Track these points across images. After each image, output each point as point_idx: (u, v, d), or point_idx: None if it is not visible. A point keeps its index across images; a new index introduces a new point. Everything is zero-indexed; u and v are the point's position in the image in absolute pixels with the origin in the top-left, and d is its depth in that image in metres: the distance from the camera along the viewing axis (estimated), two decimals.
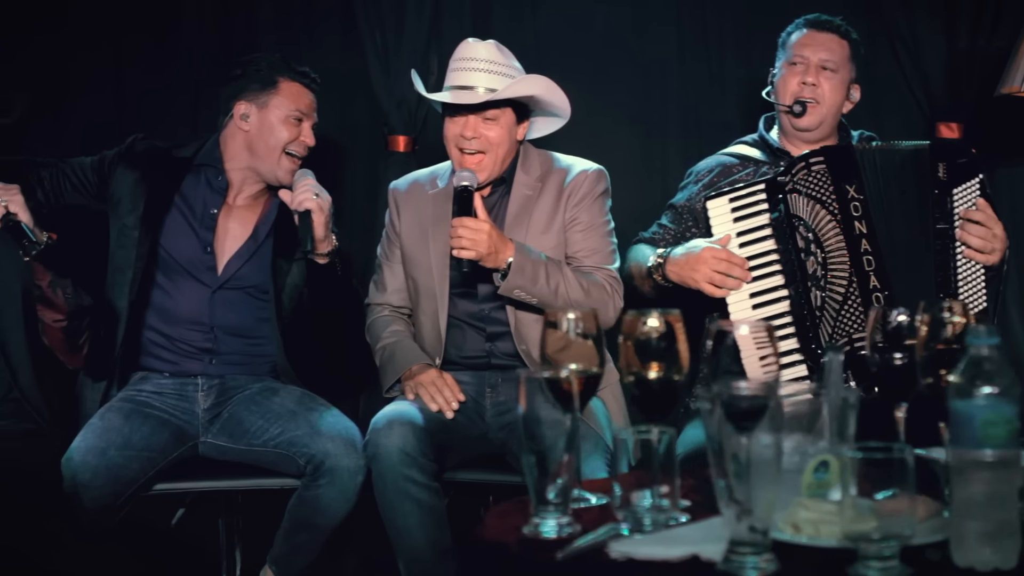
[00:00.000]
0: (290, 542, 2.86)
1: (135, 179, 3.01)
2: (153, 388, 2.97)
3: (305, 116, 2.99)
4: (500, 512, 1.71)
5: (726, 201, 2.83)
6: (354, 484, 2.75)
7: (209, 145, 3.06)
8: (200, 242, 2.99)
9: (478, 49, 2.90)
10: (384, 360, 3.01)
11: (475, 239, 2.72)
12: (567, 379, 1.64)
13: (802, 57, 2.99)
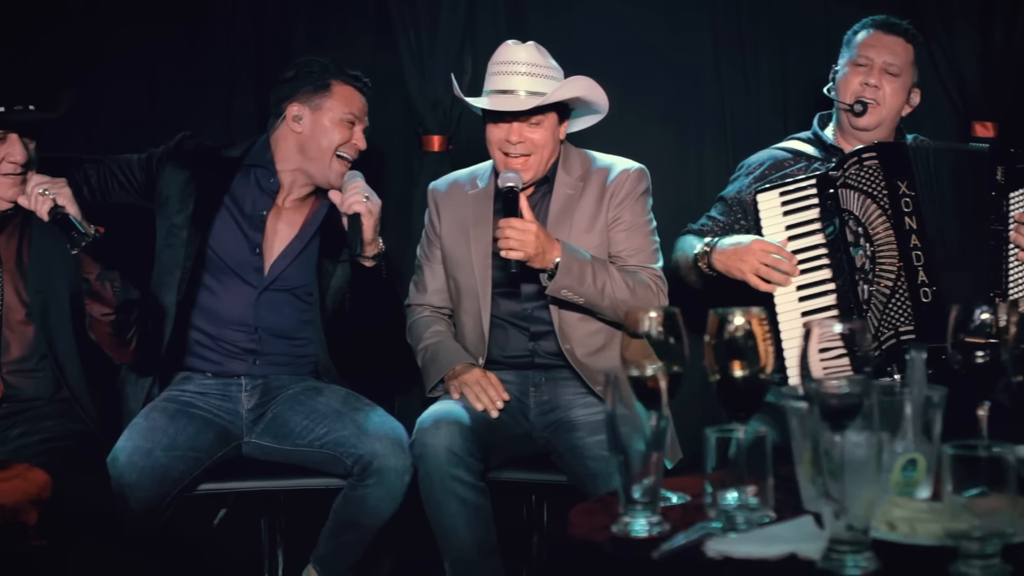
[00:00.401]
0: (335, 542, 2.85)
1: (184, 178, 3.00)
2: (196, 388, 2.97)
3: (357, 119, 2.99)
4: (584, 511, 1.71)
5: (776, 195, 2.85)
6: (401, 484, 2.75)
7: (259, 146, 3.05)
8: (249, 243, 2.98)
9: (518, 52, 2.89)
10: (427, 360, 3.01)
11: (523, 240, 2.72)
12: (652, 377, 1.63)
13: (866, 58, 2.99)
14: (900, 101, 3.01)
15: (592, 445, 2.75)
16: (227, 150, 3.09)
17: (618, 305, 2.82)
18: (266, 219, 3.00)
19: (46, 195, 2.67)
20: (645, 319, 1.72)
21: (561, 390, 2.94)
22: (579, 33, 3.63)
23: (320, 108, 2.96)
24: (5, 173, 2.71)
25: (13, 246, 2.78)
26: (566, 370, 2.94)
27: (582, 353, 2.91)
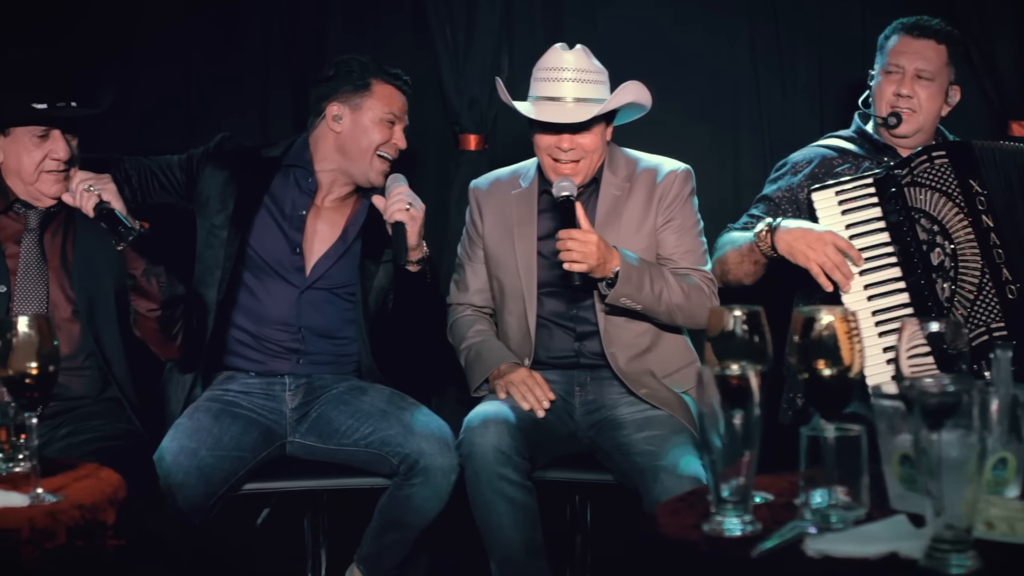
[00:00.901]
0: (379, 541, 2.85)
1: (224, 179, 2.99)
2: (240, 388, 2.96)
3: (397, 119, 2.98)
4: (670, 510, 1.70)
5: (832, 194, 2.84)
6: (447, 483, 2.74)
7: (298, 145, 3.04)
8: (289, 243, 2.97)
9: (566, 57, 2.86)
10: (471, 360, 3.00)
11: (585, 252, 2.71)
12: (741, 375, 1.63)
13: (897, 66, 2.97)
14: (937, 105, 2.99)
15: (638, 442, 2.75)
16: (266, 150, 3.08)
17: (673, 310, 2.83)
18: (305, 219, 2.99)
19: (91, 191, 2.67)
20: (729, 318, 1.72)
21: (606, 390, 2.94)
22: (615, 33, 3.63)
23: (360, 108, 2.95)
24: (49, 170, 2.70)
25: (58, 244, 2.77)
26: (611, 369, 2.93)
27: (626, 358, 2.90)
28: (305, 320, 2.96)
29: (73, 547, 1.73)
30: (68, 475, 1.98)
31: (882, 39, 3.04)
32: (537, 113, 2.84)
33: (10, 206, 2.75)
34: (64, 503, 1.79)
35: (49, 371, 1.81)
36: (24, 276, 2.71)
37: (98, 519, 1.78)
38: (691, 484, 2.55)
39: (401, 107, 2.99)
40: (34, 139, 2.68)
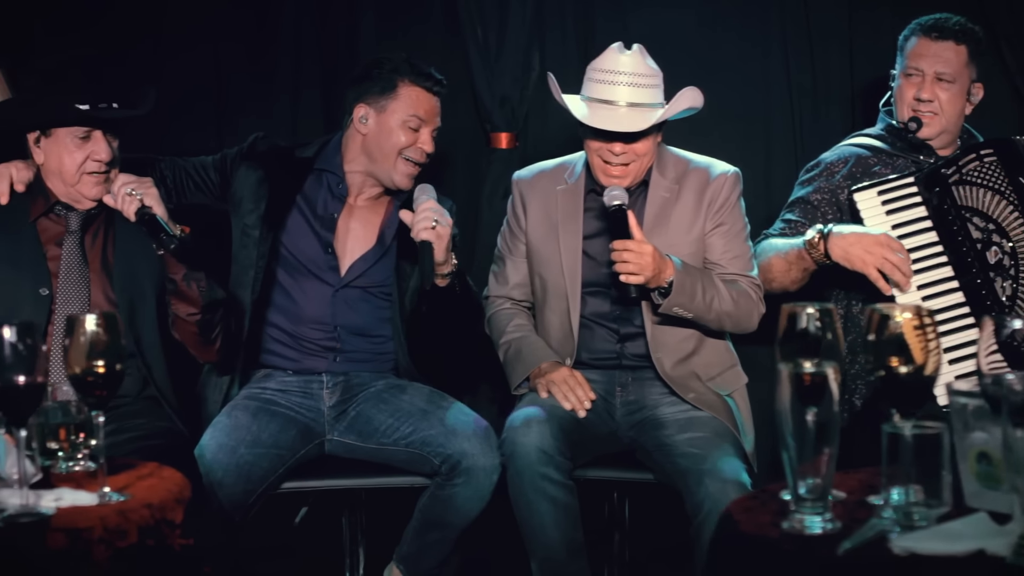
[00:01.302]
0: (420, 540, 2.84)
1: (257, 179, 2.99)
2: (277, 386, 2.95)
3: (424, 122, 2.93)
4: (743, 507, 1.70)
5: (874, 193, 2.83)
6: (490, 483, 2.73)
7: (331, 147, 3.03)
8: (321, 243, 2.97)
9: (621, 60, 2.81)
10: (510, 356, 2.99)
11: (641, 264, 2.69)
12: (817, 373, 1.63)
13: (916, 69, 2.96)
14: (959, 105, 2.97)
15: (681, 443, 2.74)
16: (300, 150, 3.07)
17: (723, 317, 2.82)
18: (337, 220, 2.98)
19: (133, 195, 2.66)
20: (803, 315, 1.72)
21: (648, 390, 2.93)
22: (646, 31, 3.61)
23: (385, 110, 2.92)
24: (90, 172, 2.69)
25: (98, 246, 2.76)
26: (653, 370, 2.92)
27: (672, 362, 2.89)
28: (340, 319, 2.95)
29: (144, 546, 1.72)
30: (131, 474, 1.97)
31: (901, 40, 3.02)
32: (591, 118, 2.79)
33: (51, 208, 2.74)
34: (132, 502, 1.79)
35: (116, 370, 1.81)
36: (66, 279, 2.70)
37: (167, 518, 1.77)
38: (735, 489, 2.55)
39: (429, 110, 2.94)
40: (76, 140, 2.67)
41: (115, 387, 1.83)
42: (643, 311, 2.89)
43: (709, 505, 2.57)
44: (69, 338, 1.80)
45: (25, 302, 2.67)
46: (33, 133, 2.70)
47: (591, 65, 2.87)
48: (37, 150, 2.71)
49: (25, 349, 1.72)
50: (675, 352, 2.90)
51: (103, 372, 1.80)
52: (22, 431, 1.74)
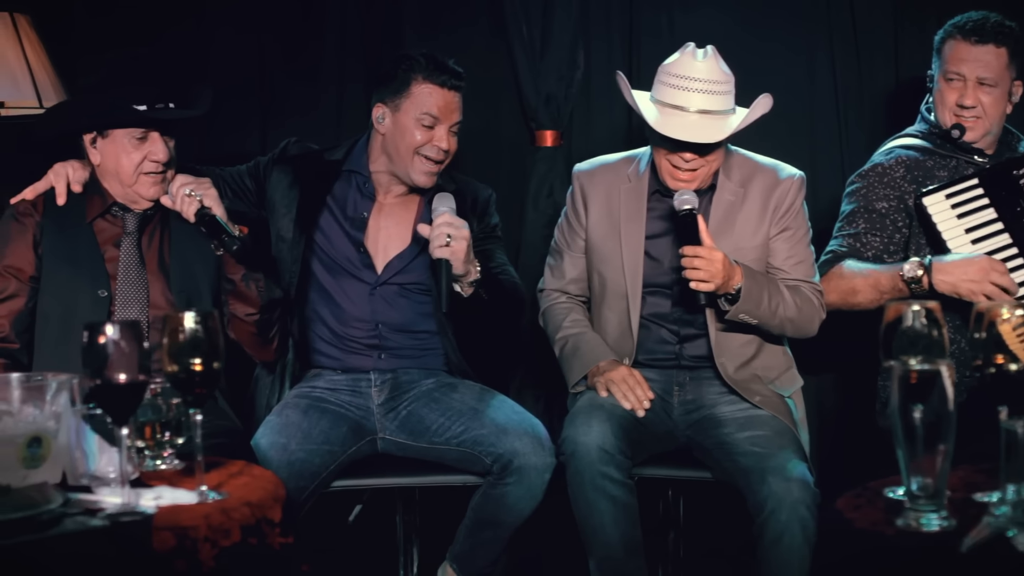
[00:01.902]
0: (473, 540, 2.83)
1: (288, 182, 2.99)
2: (327, 384, 2.95)
3: (439, 119, 2.87)
4: (852, 505, 1.70)
5: (942, 197, 2.82)
6: (541, 482, 2.72)
7: (358, 148, 3.02)
8: (352, 242, 2.96)
9: (696, 67, 2.76)
10: (567, 353, 2.97)
11: (712, 271, 2.67)
12: (928, 370, 1.62)
13: (957, 73, 2.92)
14: (1002, 107, 2.95)
15: (742, 441, 2.73)
16: (330, 152, 3.05)
17: (785, 323, 2.82)
18: (367, 220, 2.97)
19: (192, 196, 2.65)
20: (909, 313, 1.72)
21: (706, 389, 2.92)
22: (690, 29, 3.62)
23: (399, 108, 2.89)
24: (147, 172, 2.68)
25: (155, 246, 2.75)
26: (711, 369, 2.92)
27: (734, 366, 2.89)
28: (381, 316, 2.94)
29: (246, 545, 1.71)
30: (221, 472, 1.96)
31: (938, 42, 2.98)
32: (662, 124, 2.75)
33: (108, 209, 2.72)
34: (232, 500, 1.78)
35: (214, 368, 1.79)
36: (124, 279, 2.69)
37: (266, 516, 1.76)
38: (799, 487, 2.56)
39: (443, 107, 2.87)
40: (133, 141, 2.65)
41: (213, 385, 1.82)
42: (706, 314, 2.87)
43: (773, 503, 2.57)
44: (167, 336, 1.79)
45: (84, 303, 2.66)
46: (89, 134, 2.69)
47: (663, 67, 2.82)
48: (93, 151, 2.70)
49: (128, 347, 1.71)
50: (737, 356, 2.89)
51: (201, 370, 1.79)
52: (124, 429, 1.73)
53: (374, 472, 2.87)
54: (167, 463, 2.01)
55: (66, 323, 2.65)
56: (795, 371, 2.99)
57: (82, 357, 1.73)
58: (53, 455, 1.85)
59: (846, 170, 3.55)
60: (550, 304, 3.05)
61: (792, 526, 2.56)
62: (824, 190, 3.56)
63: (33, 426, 1.83)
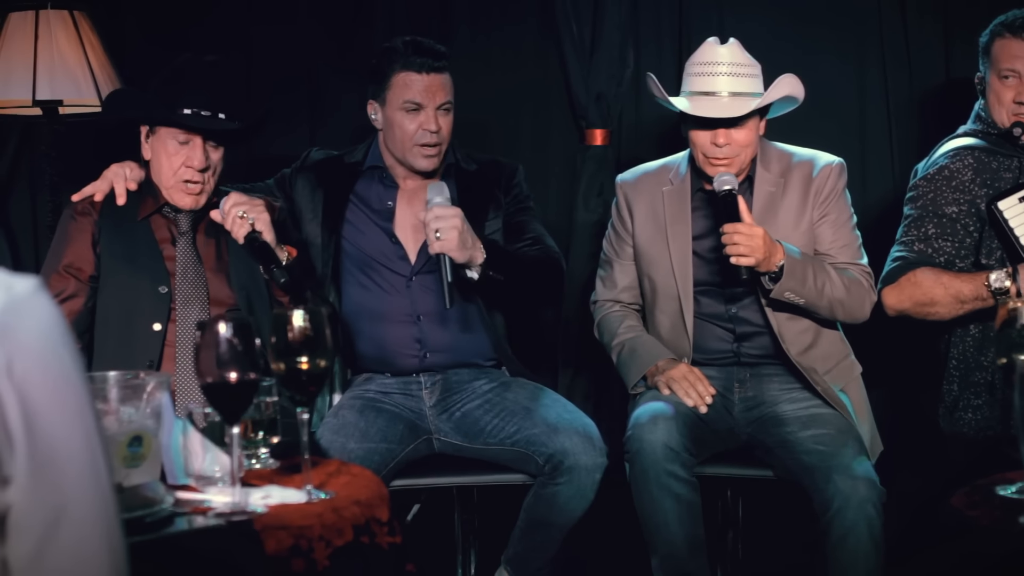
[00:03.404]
0: (526, 542, 2.82)
1: (311, 188, 3.00)
2: (379, 387, 2.95)
3: (422, 105, 2.86)
4: (970, 503, 1.70)
5: (1016, 200, 2.78)
6: (592, 482, 2.72)
7: (374, 146, 3.04)
8: (384, 233, 2.96)
9: (720, 52, 2.83)
10: (624, 356, 2.98)
11: (752, 245, 2.68)
12: None
13: (1012, 70, 2.90)
14: None
15: (805, 440, 2.74)
16: (349, 155, 3.06)
17: (835, 305, 2.81)
18: (394, 209, 2.98)
19: (245, 218, 2.63)
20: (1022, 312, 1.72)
21: (766, 386, 2.92)
22: (740, 27, 3.59)
23: (386, 102, 2.91)
24: (185, 180, 2.65)
25: (212, 244, 2.73)
26: (771, 366, 2.92)
27: (795, 352, 2.89)
28: (421, 307, 2.93)
29: (359, 544, 1.70)
30: (319, 471, 1.95)
31: (985, 43, 2.97)
32: (692, 108, 2.80)
33: (159, 208, 2.72)
34: (340, 500, 1.76)
35: (321, 366, 1.78)
36: (182, 277, 2.67)
37: (375, 516, 1.75)
38: (865, 485, 2.56)
39: (423, 90, 2.85)
40: (175, 143, 2.64)
41: (322, 384, 1.81)
42: (764, 308, 2.88)
43: (839, 502, 2.57)
44: (275, 335, 1.77)
45: (144, 301, 2.65)
46: (145, 128, 2.69)
47: (689, 61, 2.88)
48: (146, 145, 2.70)
49: (240, 345, 1.70)
50: (794, 346, 2.89)
51: (307, 368, 1.77)
52: (235, 428, 1.72)
53: (432, 472, 2.86)
54: (262, 462, 2.00)
55: (126, 322, 2.64)
56: (852, 359, 2.99)
57: (194, 356, 1.71)
58: (152, 454, 1.84)
59: (896, 171, 3.57)
60: (604, 314, 3.06)
61: (859, 525, 2.56)
62: (874, 191, 3.57)
63: (133, 425, 1.82)
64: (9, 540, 1.01)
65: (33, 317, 1.01)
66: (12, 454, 0.99)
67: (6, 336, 0.97)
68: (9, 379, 0.98)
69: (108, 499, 1.06)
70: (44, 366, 1.01)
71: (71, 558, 1.03)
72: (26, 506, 1.00)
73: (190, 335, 2.58)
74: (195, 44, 3.43)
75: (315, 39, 3.62)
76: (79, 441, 1.03)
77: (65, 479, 1.02)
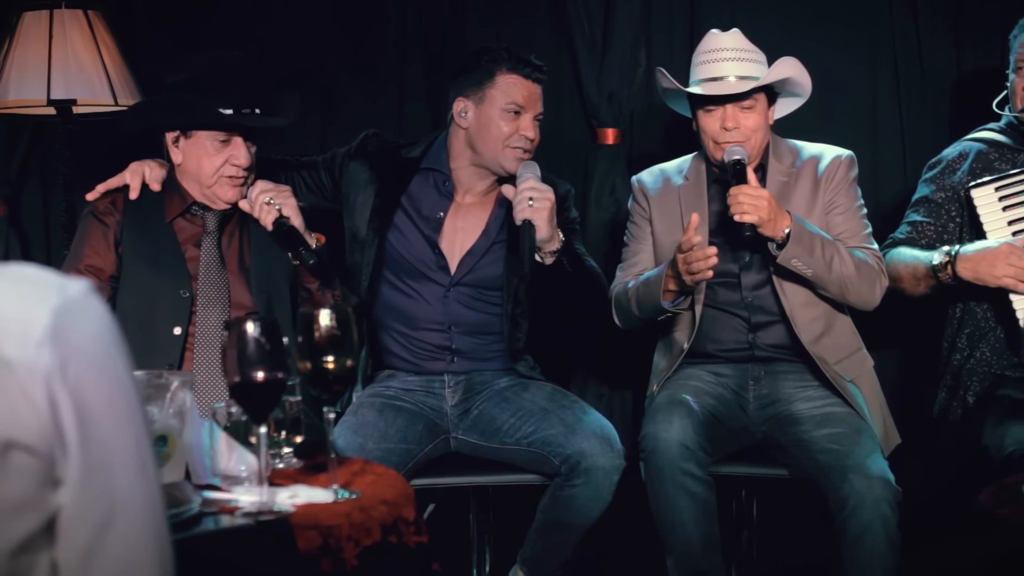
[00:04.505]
0: (542, 543, 2.82)
1: (365, 180, 2.96)
2: (400, 385, 2.94)
3: (523, 108, 2.87)
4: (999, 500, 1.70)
5: (991, 190, 2.84)
6: (609, 484, 2.71)
7: (436, 146, 3.00)
8: (428, 243, 2.94)
9: (723, 39, 2.89)
10: (641, 290, 2.89)
11: (756, 204, 2.70)
12: None
13: None
14: None
15: (820, 439, 2.73)
16: (407, 150, 3.03)
17: (844, 282, 2.80)
18: (443, 220, 2.95)
19: (271, 205, 2.63)
20: None
21: (781, 383, 2.92)
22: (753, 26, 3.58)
23: (483, 101, 2.88)
24: (228, 176, 2.65)
25: (235, 246, 2.73)
26: (786, 363, 2.92)
27: (807, 340, 2.88)
28: (454, 318, 2.93)
29: (387, 544, 1.69)
30: (344, 470, 1.94)
31: (1012, 37, 3.01)
32: (701, 90, 2.85)
33: (187, 208, 2.71)
34: (368, 499, 1.76)
35: (347, 365, 1.78)
36: (205, 279, 2.67)
37: (402, 515, 1.75)
38: (880, 485, 2.57)
39: (528, 96, 2.88)
40: (216, 144, 2.63)
41: (348, 383, 1.81)
42: (778, 298, 2.88)
43: (854, 501, 2.58)
44: (301, 334, 1.77)
45: (165, 303, 2.64)
46: (172, 133, 2.67)
47: (695, 52, 2.93)
48: (175, 150, 2.68)
49: (268, 344, 1.70)
50: (807, 333, 2.88)
51: (333, 368, 1.77)
52: (262, 427, 1.71)
53: (448, 471, 2.86)
54: (285, 462, 2.00)
55: (146, 323, 2.63)
56: (864, 352, 2.99)
57: (221, 355, 1.71)
58: (177, 453, 1.84)
59: (908, 168, 3.56)
60: (618, 288, 3.00)
61: (874, 524, 2.56)
62: (887, 186, 3.57)
63: (157, 425, 1.82)
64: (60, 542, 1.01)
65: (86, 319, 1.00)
66: (65, 456, 0.99)
67: (60, 338, 0.97)
68: (63, 381, 0.97)
69: (156, 500, 1.06)
70: (98, 368, 1.01)
71: (121, 560, 1.03)
72: (77, 508, 1.00)
73: (210, 338, 2.60)
74: (205, 40, 3.44)
75: (326, 35, 3.61)
76: (130, 443, 1.03)
77: (116, 481, 1.02)
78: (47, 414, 0.97)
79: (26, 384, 0.96)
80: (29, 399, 0.96)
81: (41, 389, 0.96)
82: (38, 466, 0.97)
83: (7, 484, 0.96)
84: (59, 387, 0.97)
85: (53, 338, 0.96)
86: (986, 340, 2.91)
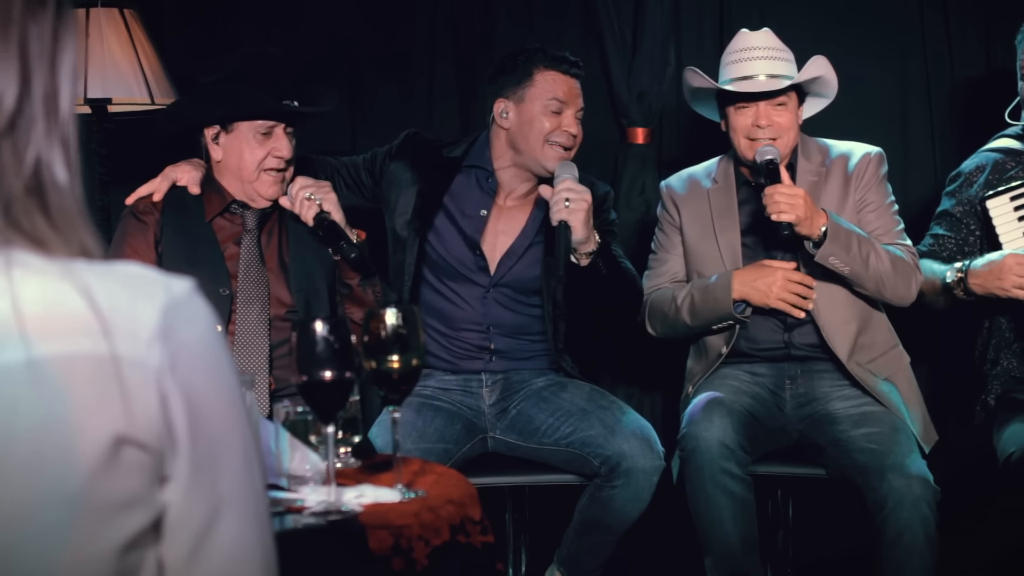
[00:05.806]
0: (580, 543, 2.82)
1: (407, 180, 2.95)
2: (438, 384, 2.94)
3: (564, 104, 2.86)
4: None
5: (1007, 199, 2.83)
6: (649, 485, 2.71)
7: (478, 145, 3.00)
8: (468, 244, 2.93)
9: (754, 38, 2.91)
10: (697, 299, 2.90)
11: (792, 203, 2.70)
12: None
13: None
14: None
15: (858, 438, 2.74)
16: (448, 149, 3.02)
17: (881, 278, 2.81)
18: (486, 220, 2.95)
19: (312, 200, 2.62)
20: None
21: (818, 382, 2.92)
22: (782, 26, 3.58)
23: (524, 99, 2.87)
24: (269, 168, 2.65)
25: (274, 245, 2.72)
26: (823, 362, 2.92)
27: (841, 338, 2.88)
28: (493, 319, 2.93)
29: (455, 543, 1.69)
30: (405, 470, 1.93)
31: (1017, 44, 3.00)
32: (734, 88, 2.86)
33: (227, 207, 2.70)
34: (435, 499, 1.76)
35: (413, 365, 1.77)
36: (245, 278, 2.66)
37: (468, 515, 1.74)
38: (919, 484, 2.57)
39: (567, 92, 2.87)
40: (258, 136, 2.62)
41: (413, 383, 1.80)
42: None
43: (893, 501, 2.58)
44: (366, 333, 1.77)
45: None
46: (212, 129, 2.66)
47: (725, 51, 2.95)
48: (215, 147, 2.67)
49: (336, 343, 1.69)
50: (840, 332, 2.88)
51: (399, 367, 1.76)
52: (330, 427, 1.71)
53: (486, 471, 2.85)
54: (343, 461, 1.99)
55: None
56: (900, 349, 2.99)
57: (291, 354, 1.71)
58: None
59: (938, 166, 3.57)
60: (652, 294, 3.01)
61: (913, 524, 2.56)
62: (916, 186, 3.57)
63: None
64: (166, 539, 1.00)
65: (193, 317, 1.00)
66: (175, 453, 0.98)
67: (169, 336, 0.97)
68: (174, 378, 0.97)
69: (262, 500, 1.05)
70: (205, 366, 1.00)
71: (227, 557, 1.02)
72: (185, 505, 0.99)
73: (249, 335, 2.59)
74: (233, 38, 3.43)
75: (355, 31, 3.60)
76: (237, 439, 1.03)
77: (223, 478, 1.01)
78: (158, 411, 0.96)
79: (138, 381, 0.95)
80: (141, 396, 0.95)
81: (152, 386, 0.96)
82: (149, 463, 0.96)
83: (119, 480, 0.95)
84: (169, 384, 0.96)
85: (163, 336, 0.96)
86: (1011, 349, 2.92)
